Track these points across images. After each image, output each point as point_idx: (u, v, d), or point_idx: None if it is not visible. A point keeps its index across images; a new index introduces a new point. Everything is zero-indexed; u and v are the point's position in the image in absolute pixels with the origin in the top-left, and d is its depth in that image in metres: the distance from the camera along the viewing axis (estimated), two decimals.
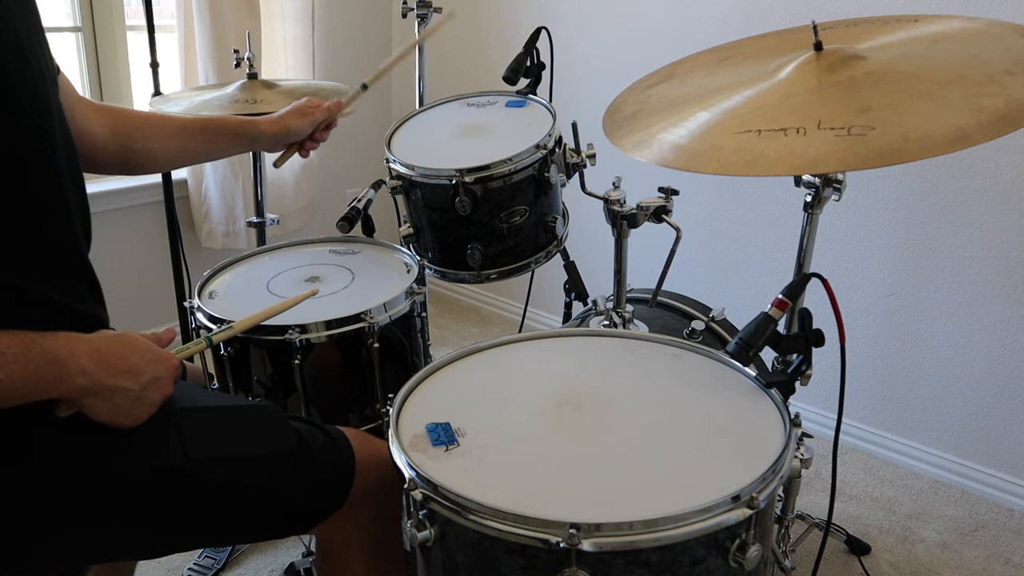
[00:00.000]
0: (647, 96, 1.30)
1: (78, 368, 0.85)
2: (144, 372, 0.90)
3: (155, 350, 0.94)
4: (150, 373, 0.91)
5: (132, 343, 0.92)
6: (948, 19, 1.19)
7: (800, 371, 1.01)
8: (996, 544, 1.87)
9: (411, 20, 2.04)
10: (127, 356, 0.90)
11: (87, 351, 0.86)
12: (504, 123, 1.63)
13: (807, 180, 1.32)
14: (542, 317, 2.92)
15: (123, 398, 0.89)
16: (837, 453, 1.13)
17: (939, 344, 2.04)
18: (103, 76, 2.48)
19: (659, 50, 2.39)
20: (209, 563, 1.75)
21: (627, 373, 1.08)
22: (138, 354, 0.91)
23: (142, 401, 0.91)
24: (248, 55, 1.90)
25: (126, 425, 0.91)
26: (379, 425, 1.41)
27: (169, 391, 0.95)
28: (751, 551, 0.81)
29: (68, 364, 0.84)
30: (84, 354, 0.85)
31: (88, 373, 0.85)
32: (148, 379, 0.91)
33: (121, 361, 0.89)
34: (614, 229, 1.39)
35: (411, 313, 1.44)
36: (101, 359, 0.87)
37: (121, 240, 2.52)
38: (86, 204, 0.96)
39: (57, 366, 0.83)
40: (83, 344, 0.86)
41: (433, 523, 0.85)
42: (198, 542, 1.05)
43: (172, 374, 0.95)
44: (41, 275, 0.87)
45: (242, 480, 0.98)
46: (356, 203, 1.62)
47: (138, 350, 0.92)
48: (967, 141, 0.91)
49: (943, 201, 1.96)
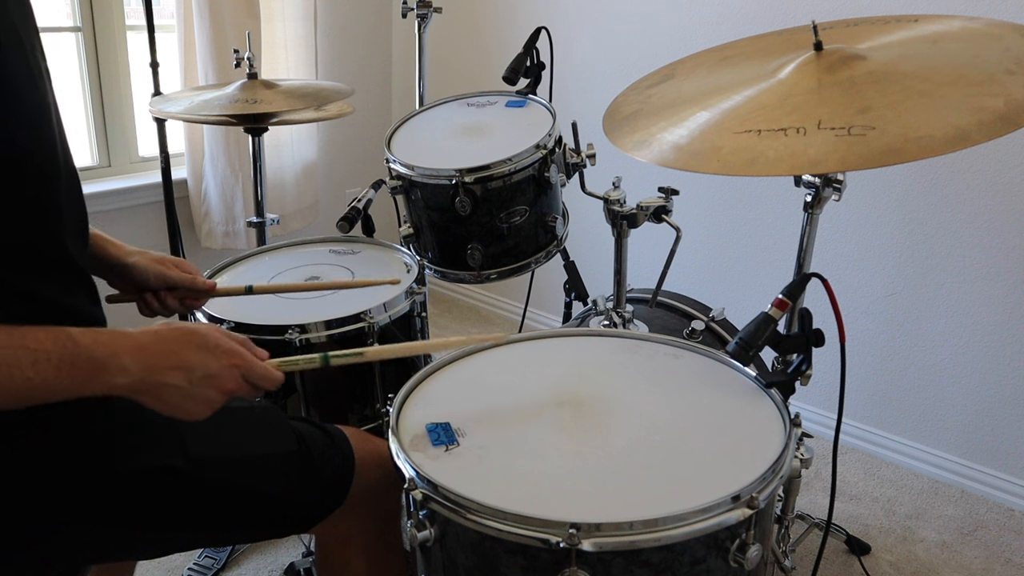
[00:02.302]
0: (647, 96, 1.30)
1: (118, 366, 0.81)
2: (195, 368, 0.85)
3: (213, 343, 0.88)
4: (202, 370, 0.86)
5: (185, 337, 0.87)
6: (948, 19, 1.19)
7: (800, 371, 1.01)
8: (996, 544, 1.87)
9: (411, 20, 2.04)
10: (177, 351, 0.85)
11: (130, 347, 0.82)
12: (504, 123, 1.63)
13: (807, 180, 1.32)
14: (542, 317, 2.92)
15: (173, 395, 0.84)
16: (837, 453, 1.13)
17: (939, 344, 2.04)
18: (103, 76, 2.48)
19: (659, 50, 2.39)
20: (209, 563, 1.75)
21: (627, 373, 1.08)
22: (190, 349, 0.86)
23: (195, 398, 0.86)
24: (248, 55, 1.90)
25: (185, 419, 0.87)
26: (379, 425, 1.41)
27: (231, 387, 0.88)
28: (751, 551, 0.81)
29: (107, 363, 0.80)
30: (126, 351, 0.81)
31: (129, 371, 0.81)
32: (200, 375, 0.85)
33: (169, 357, 0.84)
34: (614, 229, 1.39)
35: (411, 313, 1.44)
36: (145, 356, 0.83)
37: (121, 239, 2.51)
38: (83, 204, 0.96)
39: (93, 365, 0.79)
40: (126, 340, 0.82)
41: (433, 523, 0.85)
42: (198, 542, 1.04)
43: (233, 371, 0.88)
44: (37, 273, 0.87)
45: (242, 480, 0.98)
46: (356, 203, 1.62)
47: (191, 344, 0.86)
48: (967, 141, 0.91)
49: (943, 201, 1.96)
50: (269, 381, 0.92)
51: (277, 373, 0.92)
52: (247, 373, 0.89)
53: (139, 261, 1.16)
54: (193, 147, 2.59)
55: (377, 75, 3.15)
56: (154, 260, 1.18)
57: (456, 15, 2.86)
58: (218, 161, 2.57)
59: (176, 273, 1.19)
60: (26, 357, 0.75)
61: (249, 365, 0.90)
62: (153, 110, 1.99)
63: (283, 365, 0.95)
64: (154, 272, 1.16)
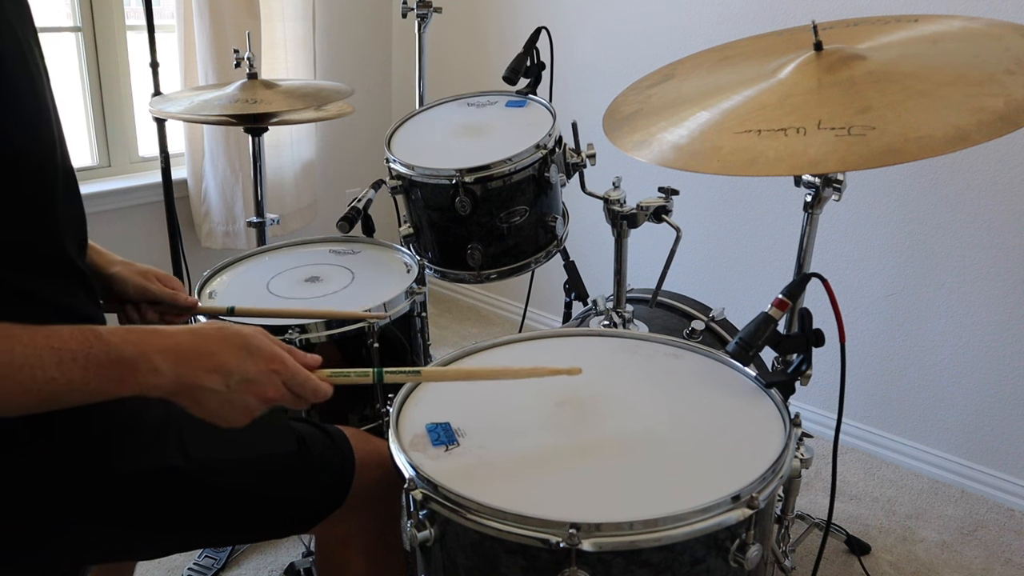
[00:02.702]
0: (647, 96, 1.30)
1: (149, 367, 0.77)
2: (233, 372, 0.81)
3: (255, 346, 0.83)
4: (240, 374, 0.81)
5: (226, 338, 0.82)
6: (948, 19, 1.19)
7: (800, 371, 1.01)
8: (996, 544, 1.87)
9: (411, 20, 2.04)
10: (215, 353, 0.81)
11: (162, 348, 0.79)
12: (504, 123, 1.63)
13: (807, 180, 1.32)
14: (542, 317, 2.92)
15: (210, 399, 0.81)
16: (837, 453, 1.13)
17: (939, 344, 2.04)
18: (103, 76, 2.48)
19: (659, 50, 2.39)
20: (209, 563, 1.75)
21: (627, 373, 1.08)
22: (229, 351, 0.81)
23: (233, 404, 0.82)
24: (248, 55, 1.90)
25: (223, 426, 0.83)
26: (379, 425, 1.41)
27: (271, 395, 0.84)
28: (751, 551, 0.81)
29: (137, 363, 0.77)
30: (158, 352, 0.78)
31: (161, 372, 0.78)
32: (238, 380, 0.81)
33: (206, 359, 0.80)
34: (614, 229, 1.39)
35: (411, 313, 1.44)
36: (180, 357, 0.79)
37: (121, 240, 2.52)
38: (80, 204, 0.96)
39: (122, 366, 0.76)
40: (159, 340, 0.79)
41: (433, 523, 0.85)
42: (198, 542, 1.04)
43: (273, 377, 0.83)
44: (35, 273, 0.87)
45: (242, 481, 0.98)
46: (356, 203, 1.62)
47: (231, 346, 0.82)
48: (967, 141, 0.91)
49: (943, 201, 1.96)
50: (313, 392, 0.87)
51: (324, 385, 0.87)
52: (288, 380, 0.85)
53: (120, 272, 1.12)
54: (193, 147, 2.59)
55: (377, 75, 3.15)
56: (137, 272, 1.14)
57: (456, 15, 2.86)
58: (218, 161, 2.57)
59: (157, 287, 1.15)
60: (50, 357, 0.73)
61: (291, 372, 0.85)
62: (153, 110, 1.99)
63: (333, 376, 0.89)
64: (134, 284, 1.13)
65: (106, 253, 1.13)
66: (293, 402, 0.87)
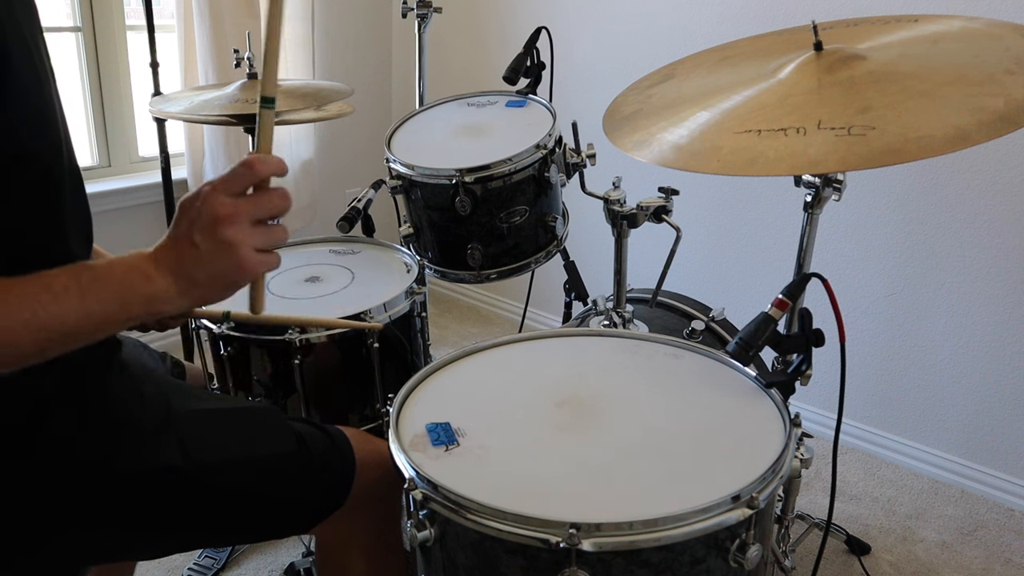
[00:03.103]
0: (647, 96, 1.30)
1: (141, 275, 0.78)
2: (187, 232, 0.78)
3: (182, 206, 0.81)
4: (188, 225, 0.78)
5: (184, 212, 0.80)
6: (948, 19, 1.19)
7: (800, 371, 1.01)
8: (996, 544, 1.87)
9: (411, 20, 2.04)
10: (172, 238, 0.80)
11: (144, 256, 0.79)
12: (504, 123, 1.63)
13: (807, 180, 1.32)
14: (542, 317, 2.92)
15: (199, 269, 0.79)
16: (837, 453, 1.13)
17: (939, 344, 2.04)
18: (103, 76, 2.48)
19: (659, 50, 2.39)
20: (209, 563, 1.75)
21: (627, 373, 1.08)
22: (175, 226, 0.80)
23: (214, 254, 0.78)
24: (248, 55, 1.90)
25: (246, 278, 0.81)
26: (379, 425, 1.41)
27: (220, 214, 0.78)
28: (751, 551, 0.81)
29: (128, 276, 0.78)
30: (142, 260, 0.79)
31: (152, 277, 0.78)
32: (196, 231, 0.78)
33: (173, 244, 0.79)
34: (614, 229, 1.39)
35: (411, 313, 1.44)
36: (157, 256, 0.79)
37: (121, 240, 2.52)
38: (86, 204, 0.96)
39: (115, 283, 0.77)
40: (140, 254, 0.80)
41: (433, 523, 0.85)
42: (198, 542, 1.04)
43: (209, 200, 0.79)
44: None
45: (242, 482, 0.97)
46: (356, 203, 1.62)
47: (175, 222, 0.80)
48: (967, 141, 0.91)
49: (943, 201, 1.96)
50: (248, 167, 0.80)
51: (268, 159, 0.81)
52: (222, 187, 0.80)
53: None
54: (193, 147, 2.59)
55: (376, 75, 3.15)
56: None
57: (456, 15, 2.86)
58: (218, 161, 2.57)
59: None
60: (44, 294, 0.74)
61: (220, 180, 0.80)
62: (153, 110, 1.98)
63: None
64: None
65: (104, 254, 1.12)
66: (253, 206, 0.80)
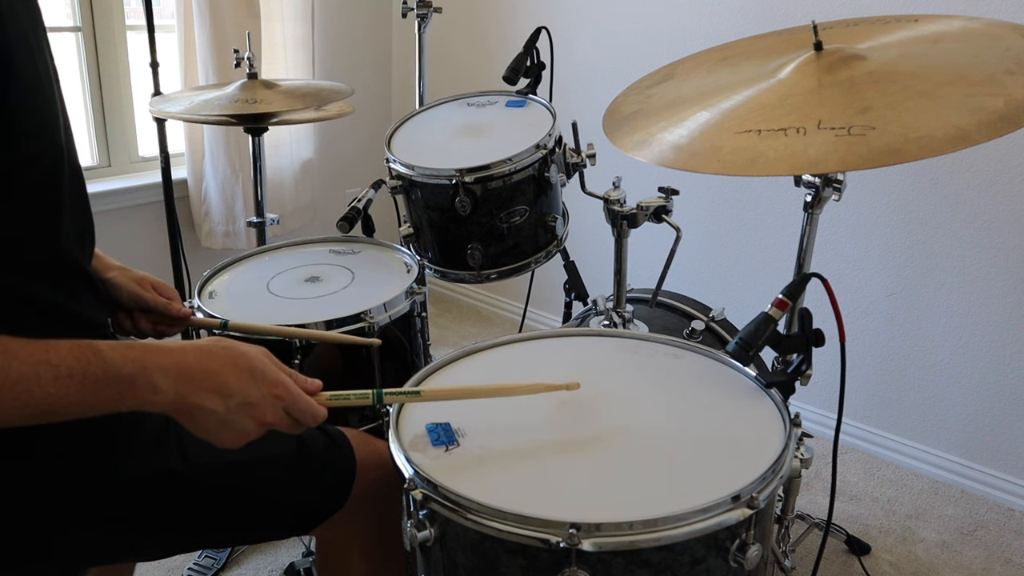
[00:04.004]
0: (647, 96, 1.30)
1: (148, 384, 0.76)
2: (235, 394, 0.80)
3: (259, 370, 0.82)
4: (241, 396, 0.80)
5: (231, 359, 0.81)
6: (948, 19, 1.19)
7: (800, 371, 1.01)
8: (996, 544, 1.87)
9: (411, 20, 2.04)
10: (217, 373, 0.80)
11: (164, 365, 0.78)
12: (504, 123, 1.63)
13: (807, 180, 1.32)
14: (542, 317, 2.92)
15: (208, 419, 0.80)
16: (837, 453, 1.13)
17: (939, 344, 2.04)
18: (103, 76, 2.47)
19: (659, 50, 2.39)
20: (209, 563, 1.75)
21: (627, 373, 1.08)
22: (232, 372, 0.80)
23: (230, 426, 0.80)
24: (248, 55, 1.90)
25: (217, 445, 0.82)
26: (379, 425, 1.41)
27: (269, 420, 0.82)
28: (751, 551, 0.81)
29: (136, 380, 0.76)
30: (159, 369, 0.77)
31: (161, 390, 0.77)
32: (238, 402, 0.80)
33: (208, 379, 0.79)
34: (614, 229, 1.39)
35: (411, 313, 1.44)
36: (182, 374, 0.78)
37: (121, 240, 2.52)
38: (88, 206, 0.96)
39: (121, 383, 0.75)
40: (160, 357, 0.78)
41: (433, 523, 0.85)
42: (198, 544, 1.04)
43: (275, 402, 0.82)
44: (45, 279, 0.86)
45: (242, 483, 0.97)
46: (356, 203, 1.62)
47: (235, 368, 0.81)
48: (967, 141, 0.91)
49: (943, 201, 1.96)
50: (312, 417, 0.86)
51: (322, 410, 0.87)
52: (289, 406, 0.84)
53: (116, 277, 1.11)
54: (193, 147, 2.59)
55: (376, 75, 3.15)
56: (132, 279, 1.13)
57: (456, 15, 2.86)
58: (218, 161, 2.57)
59: (151, 296, 1.13)
60: (47, 372, 0.72)
61: (293, 398, 0.84)
62: (153, 110, 1.98)
63: (332, 400, 0.89)
64: (129, 291, 1.11)
65: (103, 257, 1.12)
66: (290, 427, 0.86)
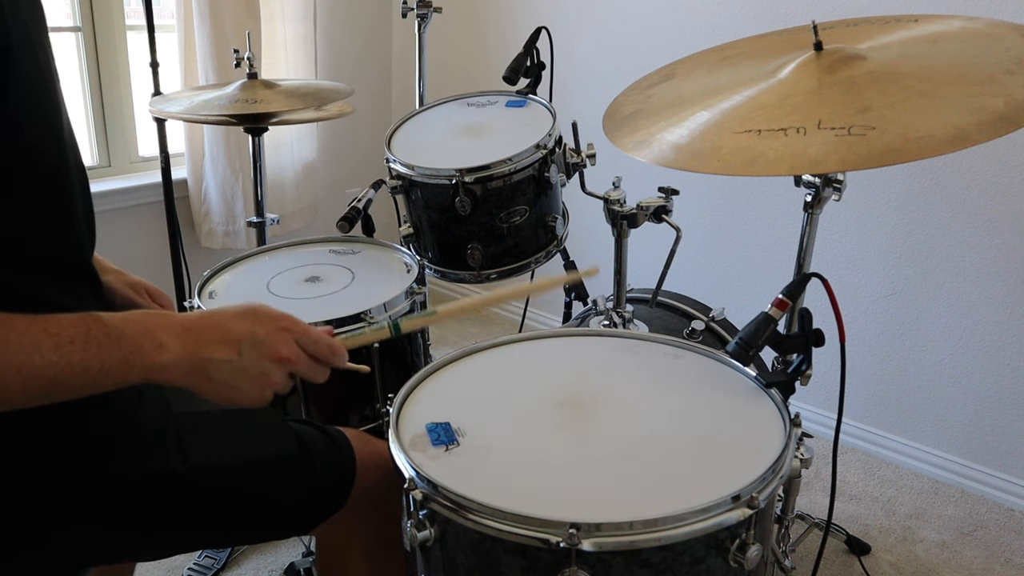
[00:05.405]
0: (647, 96, 1.30)
1: (153, 343, 0.75)
2: (242, 337, 0.78)
3: (261, 311, 0.81)
4: (250, 338, 0.78)
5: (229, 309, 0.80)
6: (948, 19, 1.19)
7: (800, 371, 1.01)
8: (996, 544, 1.87)
9: (411, 20, 2.04)
10: (220, 323, 0.78)
11: (165, 324, 0.76)
12: (504, 123, 1.63)
13: (807, 180, 1.32)
14: (542, 317, 2.92)
15: (223, 371, 0.77)
16: (837, 453, 1.13)
17: (939, 344, 2.04)
18: (103, 76, 2.47)
19: (659, 50, 2.39)
20: (209, 563, 1.75)
21: (627, 373, 1.08)
22: (235, 319, 0.79)
23: (248, 372, 0.78)
24: (248, 55, 1.90)
25: (246, 405, 0.80)
26: (379, 425, 1.41)
27: (285, 354, 0.80)
28: (751, 551, 0.81)
29: (139, 339, 0.74)
30: (161, 327, 0.76)
31: (167, 347, 0.75)
32: (249, 344, 0.78)
33: (212, 329, 0.78)
34: (614, 229, 1.39)
35: (411, 313, 1.44)
36: (186, 329, 0.77)
37: (121, 240, 2.52)
38: (91, 206, 0.96)
39: (124, 343, 0.74)
40: (161, 318, 0.77)
41: (433, 523, 0.85)
42: (199, 543, 1.04)
43: (284, 335, 0.80)
44: (49, 279, 0.86)
45: (243, 484, 0.97)
46: (356, 203, 1.62)
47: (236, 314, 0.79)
48: (967, 141, 0.91)
49: (943, 201, 1.96)
50: (329, 349, 0.83)
51: (338, 343, 0.85)
52: (301, 338, 0.82)
53: (111, 281, 1.10)
54: (193, 147, 2.59)
55: (377, 75, 3.15)
56: (127, 284, 1.12)
57: (456, 15, 2.86)
58: (218, 161, 2.57)
59: (146, 302, 1.13)
60: (47, 341, 0.71)
61: (302, 329, 0.82)
62: (153, 110, 1.98)
63: (349, 339, 0.86)
64: (122, 296, 1.11)
65: (100, 260, 1.11)
66: (309, 366, 0.84)
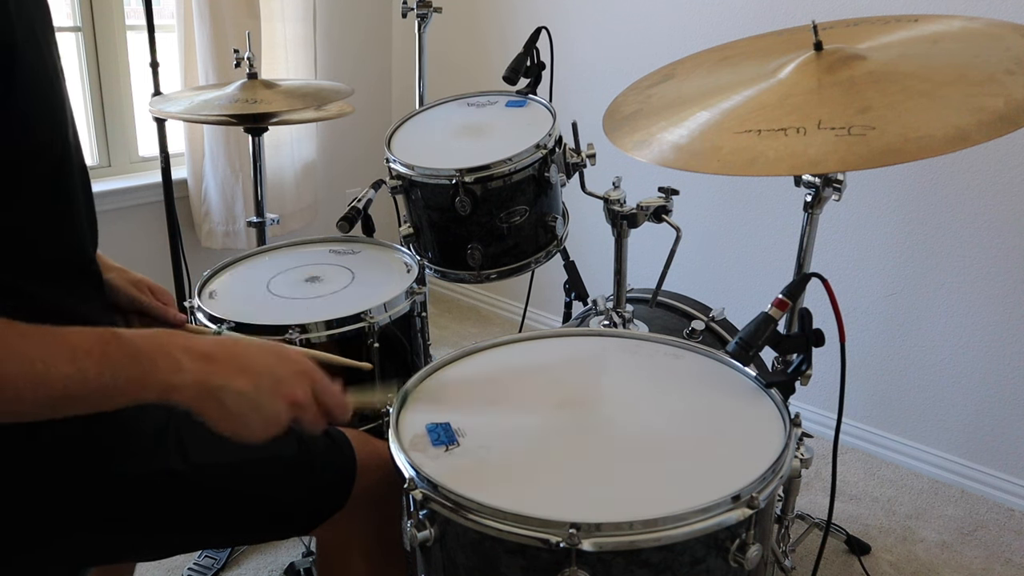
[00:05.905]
0: (647, 96, 1.30)
1: (170, 364, 0.74)
2: (262, 372, 0.77)
3: (286, 353, 0.81)
4: (269, 374, 0.78)
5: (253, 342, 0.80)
6: (948, 19, 1.19)
7: (800, 371, 1.01)
8: (996, 544, 1.87)
9: (411, 20, 2.04)
10: (241, 354, 0.78)
11: (185, 346, 0.76)
12: (504, 123, 1.63)
13: (807, 180, 1.32)
14: (542, 317, 2.92)
15: (235, 402, 0.77)
16: (837, 453, 1.13)
17: (939, 344, 2.04)
18: (103, 76, 2.47)
19: (659, 50, 2.39)
20: (209, 563, 1.75)
21: (627, 373, 1.08)
22: (259, 352, 0.79)
23: (260, 409, 0.78)
24: (248, 55, 1.90)
25: (246, 439, 0.79)
26: (379, 425, 1.41)
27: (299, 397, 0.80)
28: (751, 551, 0.81)
29: (156, 359, 0.74)
30: (180, 349, 0.75)
31: (184, 369, 0.75)
32: (268, 380, 0.78)
33: (233, 359, 0.77)
34: (614, 229, 1.39)
35: (411, 313, 1.44)
36: (205, 355, 0.76)
37: (121, 240, 2.52)
38: (93, 205, 0.96)
39: (141, 362, 0.73)
40: (182, 339, 0.77)
41: (433, 523, 0.85)
42: (200, 544, 1.04)
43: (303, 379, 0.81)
44: (53, 280, 0.86)
45: (243, 484, 0.97)
46: (356, 203, 1.62)
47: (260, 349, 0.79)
48: (967, 141, 0.91)
49: (943, 201, 1.96)
50: (340, 407, 0.85)
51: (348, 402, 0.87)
52: (317, 386, 0.83)
53: (114, 279, 1.09)
54: (193, 147, 2.59)
55: (377, 75, 3.15)
56: (130, 281, 1.12)
57: (456, 15, 2.86)
58: (218, 161, 2.57)
59: (148, 299, 1.12)
60: (64, 353, 0.70)
61: (322, 379, 0.83)
62: (153, 110, 1.99)
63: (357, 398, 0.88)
64: (126, 294, 1.10)
65: (102, 258, 1.10)
66: (315, 416, 0.85)
